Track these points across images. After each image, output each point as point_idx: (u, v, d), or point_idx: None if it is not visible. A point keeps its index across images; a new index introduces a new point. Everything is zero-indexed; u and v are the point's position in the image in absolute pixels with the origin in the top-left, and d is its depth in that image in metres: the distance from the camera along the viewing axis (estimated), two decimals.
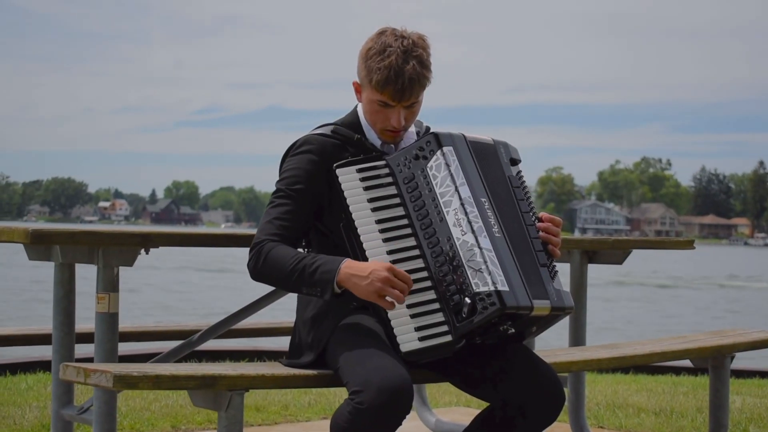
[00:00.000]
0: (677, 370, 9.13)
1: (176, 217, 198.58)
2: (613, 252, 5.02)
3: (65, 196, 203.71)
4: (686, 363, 7.47)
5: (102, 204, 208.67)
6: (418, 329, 3.20)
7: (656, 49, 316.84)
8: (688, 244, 5.14)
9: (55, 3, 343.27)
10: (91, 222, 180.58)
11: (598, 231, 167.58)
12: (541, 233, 3.41)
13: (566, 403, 4.98)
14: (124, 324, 4.62)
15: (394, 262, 3.23)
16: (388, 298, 3.14)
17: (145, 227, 4.42)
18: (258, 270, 3.32)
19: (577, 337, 5.00)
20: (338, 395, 6.36)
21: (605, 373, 8.77)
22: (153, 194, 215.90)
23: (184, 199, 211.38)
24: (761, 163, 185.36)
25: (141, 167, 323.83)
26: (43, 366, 7.82)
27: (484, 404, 3.43)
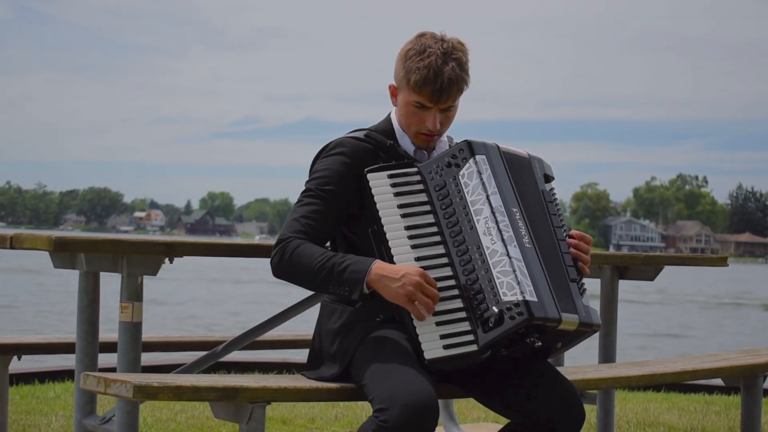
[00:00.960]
0: (710, 389, 9.00)
1: (211, 228, 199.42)
2: (645, 268, 4.96)
3: (101, 205, 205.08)
4: (719, 381, 7.38)
5: (137, 214, 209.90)
6: (443, 337, 3.14)
7: (692, 66, 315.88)
8: (721, 261, 5.08)
9: (93, 14, 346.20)
10: (126, 232, 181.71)
11: (633, 248, 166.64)
12: (571, 249, 3.37)
13: (595, 421, 4.92)
14: (149, 334, 4.60)
15: (422, 269, 3.19)
16: (417, 304, 3.10)
17: (171, 237, 4.39)
18: (282, 266, 3.27)
19: (607, 354, 4.94)
20: (365, 409, 6.32)
21: (636, 390, 8.68)
22: (188, 205, 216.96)
23: (219, 210, 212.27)
24: None
25: (177, 178, 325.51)
26: (71, 375, 7.83)
27: None
